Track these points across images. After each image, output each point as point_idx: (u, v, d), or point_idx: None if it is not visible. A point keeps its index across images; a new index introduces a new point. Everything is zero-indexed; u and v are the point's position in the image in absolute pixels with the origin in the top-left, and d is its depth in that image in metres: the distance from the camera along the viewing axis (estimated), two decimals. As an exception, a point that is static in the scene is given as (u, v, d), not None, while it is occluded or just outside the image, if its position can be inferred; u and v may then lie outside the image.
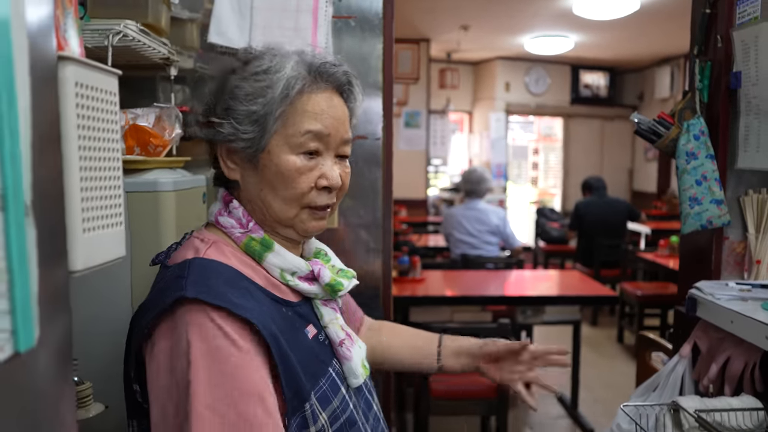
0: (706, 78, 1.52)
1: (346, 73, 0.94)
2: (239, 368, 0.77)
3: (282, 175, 0.89)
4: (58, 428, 0.46)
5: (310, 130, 0.89)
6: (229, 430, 0.75)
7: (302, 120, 0.89)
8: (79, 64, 0.52)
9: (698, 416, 1.12)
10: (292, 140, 0.89)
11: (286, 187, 0.89)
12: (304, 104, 0.89)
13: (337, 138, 0.92)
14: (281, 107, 0.88)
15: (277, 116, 0.88)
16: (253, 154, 0.89)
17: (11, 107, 0.38)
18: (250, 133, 0.88)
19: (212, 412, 0.75)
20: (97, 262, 0.58)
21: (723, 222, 1.48)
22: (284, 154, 0.89)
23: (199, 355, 0.76)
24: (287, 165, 0.89)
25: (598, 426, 3.40)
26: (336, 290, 0.94)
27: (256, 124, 0.88)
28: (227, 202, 0.95)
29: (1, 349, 0.38)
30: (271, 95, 0.87)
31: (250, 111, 0.88)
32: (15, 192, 0.38)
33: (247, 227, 0.92)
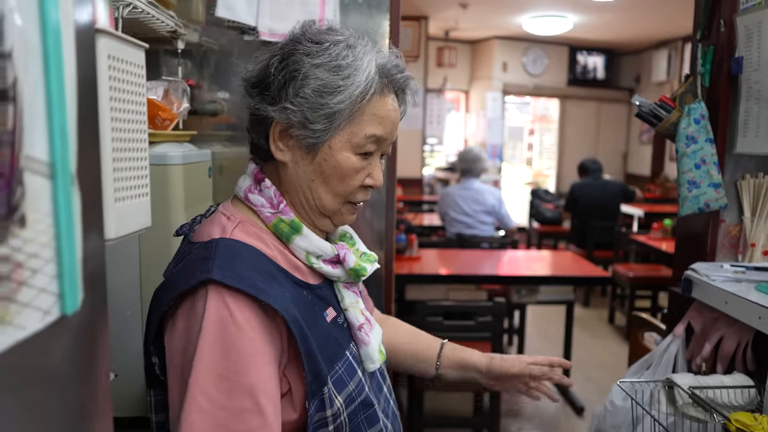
0: (708, 63, 1.54)
1: (407, 78, 0.95)
2: (245, 362, 0.79)
3: (340, 171, 0.90)
4: (95, 387, 0.48)
5: (374, 134, 0.90)
6: (218, 419, 0.77)
7: (369, 123, 0.90)
8: (111, 37, 0.53)
9: (692, 392, 1.16)
10: (355, 140, 0.89)
11: (340, 183, 0.91)
12: (373, 107, 0.90)
13: (389, 141, 0.94)
14: (356, 106, 0.88)
15: (348, 114, 0.88)
16: (313, 145, 0.89)
17: (59, 80, 0.40)
18: (318, 125, 0.88)
19: (207, 400, 0.76)
20: (127, 231, 0.60)
21: (720, 205, 1.50)
22: (345, 151, 0.90)
23: (209, 340, 0.78)
24: (347, 163, 0.90)
25: (589, 404, 3.47)
26: (360, 275, 0.95)
27: (326, 118, 0.87)
28: (259, 180, 0.94)
29: (48, 312, 0.40)
30: (350, 94, 0.87)
31: (324, 104, 0.87)
32: (63, 161, 0.40)
33: (277, 208, 0.92)
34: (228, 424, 0.77)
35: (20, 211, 0.36)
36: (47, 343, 0.41)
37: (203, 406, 0.76)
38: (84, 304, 0.44)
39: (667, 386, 1.22)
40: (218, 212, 0.93)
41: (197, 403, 0.76)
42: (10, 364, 0.37)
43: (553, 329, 4.75)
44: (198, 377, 0.77)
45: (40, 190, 0.38)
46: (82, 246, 0.44)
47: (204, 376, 0.77)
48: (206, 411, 0.76)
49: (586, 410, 3.42)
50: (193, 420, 0.76)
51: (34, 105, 0.38)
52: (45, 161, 0.39)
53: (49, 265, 0.40)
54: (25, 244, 0.37)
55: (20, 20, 0.35)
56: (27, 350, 0.39)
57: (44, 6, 0.38)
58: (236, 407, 0.77)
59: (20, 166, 0.36)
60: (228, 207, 0.94)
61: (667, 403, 1.21)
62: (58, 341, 0.42)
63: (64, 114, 0.40)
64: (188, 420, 0.76)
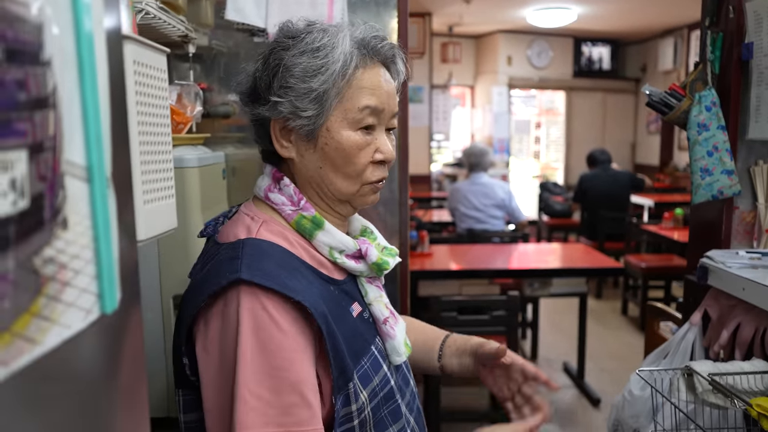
0: (718, 49, 1.53)
1: (392, 47, 0.95)
2: (287, 358, 0.80)
3: (343, 151, 0.90)
4: (132, 383, 0.49)
5: (368, 105, 0.90)
6: (269, 416, 0.78)
7: (360, 96, 0.90)
8: (136, 43, 0.54)
9: (712, 379, 1.16)
10: (350, 116, 0.90)
11: (347, 164, 0.91)
12: (360, 80, 0.90)
13: (389, 112, 0.93)
14: (340, 83, 0.88)
15: (336, 93, 0.89)
16: (311, 132, 0.90)
17: (93, 86, 0.41)
18: (309, 111, 0.88)
19: (256, 398, 0.78)
20: (155, 232, 0.61)
21: (733, 192, 1.50)
22: (344, 130, 0.90)
23: (249, 340, 0.79)
24: (348, 141, 0.90)
25: (605, 395, 3.47)
26: (382, 269, 0.96)
27: (315, 102, 0.88)
28: (278, 179, 0.95)
29: (90, 311, 0.41)
30: (331, 72, 0.88)
31: (309, 88, 0.88)
32: (99, 165, 0.41)
33: (298, 205, 0.93)
34: (279, 420, 0.78)
35: (63, 214, 0.37)
36: (89, 342, 0.42)
37: (252, 404, 0.78)
38: (121, 304, 0.45)
39: (687, 374, 1.22)
40: (241, 213, 0.94)
41: (247, 402, 0.77)
42: (56, 364, 0.39)
43: (567, 322, 4.75)
44: (243, 378, 0.78)
45: (79, 193, 0.39)
46: (118, 247, 0.45)
47: (249, 375, 0.78)
48: (256, 409, 0.78)
49: (602, 401, 3.42)
50: (245, 420, 0.77)
51: (72, 111, 0.39)
52: (83, 165, 0.40)
53: (90, 266, 0.41)
54: (67, 246, 0.38)
55: (57, 29, 0.37)
56: (71, 349, 0.40)
57: (78, 14, 0.39)
58: (285, 403, 0.79)
59: (61, 170, 0.37)
60: (250, 207, 0.95)
61: (687, 390, 1.21)
62: (99, 340, 0.44)
63: (98, 119, 0.41)
64: (241, 421, 0.77)
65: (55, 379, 0.40)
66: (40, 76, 0.34)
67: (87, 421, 0.45)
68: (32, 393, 0.37)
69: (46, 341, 0.35)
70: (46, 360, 0.37)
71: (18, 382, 0.35)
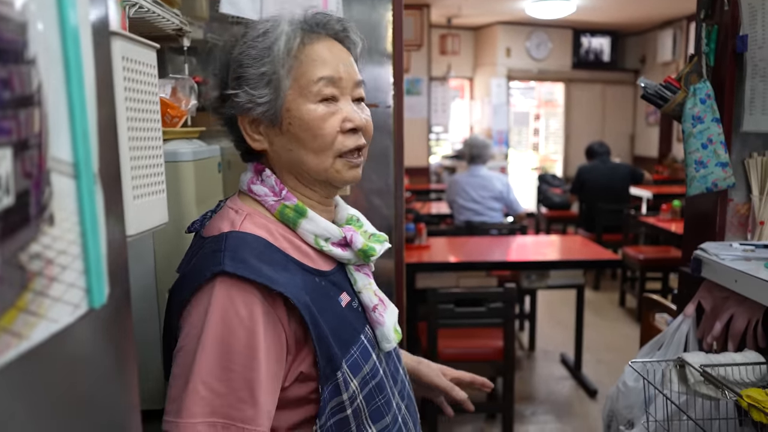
0: (713, 42, 1.53)
1: (340, 21, 0.96)
2: (245, 355, 0.81)
3: (307, 126, 0.91)
4: (122, 376, 0.50)
5: (322, 76, 0.91)
6: (215, 407, 0.79)
7: (312, 69, 0.91)
8: (124, 39, 0.54)
9: (703, 371, 1.17)
10: (307, 91, 0.91)
11: (314, 138, 0.91)
12: (309, 54, 0.92)
13: (349, 81, 0.94)
14: (288, 61, 0.90)
15: (286, 72, 0.90)
16: (273, 117, 0.91)
17: (79, 83, 0.41)
18: (266, 96, 0.90)
19: (206, 389, 0.79)
20: (146, 227, 0.62)
21: (728, 184, 1.51)
22: (303, 105, 0.91)
23: (211, 332, 0.80)
24: (309, 115, 0.90)
25: (601, 386, 3.49)
26: (368, 255, 0.96)
27: (269, 85, 0.90)
28: (259, 170, 0.96)
29: (78, 306, 0.42)
30: (276, 52, 0.90)
31: (260, 73, 0.90)
32: (86, 161, 0.42)
33: (280, 195, 0.94)
34: (224, 411, 0.80)
35: (49, 210, 0.38)
36: (77, 336, 0.43)
37: (202, 394, 0.79)
38: (109, 298, 0.46)
39: (679, 365, 1.23)
40: (226, 207, 0.95)
41: (197, 392, 0.79)
42: (44, 358, 0.39)
43: (564, 313, 4.77)
44: (198, 367, 0.79)
45: (65, 190, 0.40)
46: (106, 242, 0.45)
47: (203, 365, 0.79)
48: (204, 399, 0.79)
49: (599, 393, 3.44)
50: (191, 408, 0.78)
51: (57, 108, 0.39)
52: (69, 162, 0.40)
53: (77, 261, 0.41)
54: (54, 242, 0.38)
55: (42, 26, 0.37)
56: (59, 343, 0.40)
57: (63, 11, 0.39)
58: (234, 397, 0.80)
59: (47, 167, 0.38)
60: (235, 201, 0.96)
61: (679, 381, 1.22)
62: (87, 334, 0.44)
63: (85, 116, 0.41)
64: (187, 408, 0.79)
65: (45, 372, 0.40)
66: (24, 75, 0.35)
67: (78, 414, 0.46)
68: (22, 385, 0.38)
69: (33, 336, 0.36)
70: (36, 353, 0.38)
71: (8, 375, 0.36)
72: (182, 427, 0.79)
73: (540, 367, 3.91)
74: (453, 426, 3.13)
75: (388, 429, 0.94)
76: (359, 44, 0.99)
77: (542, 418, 3.25)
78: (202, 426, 0.79)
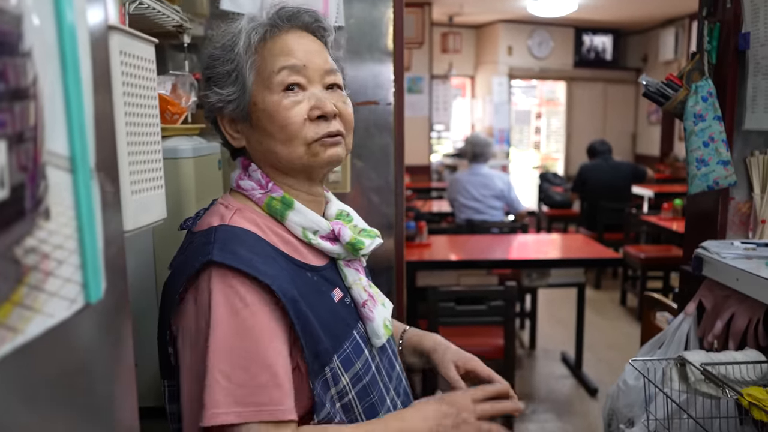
0: (715, 39, 1.53)
1: (308, 12, 0.97)
2: (258, 339, 0.81)
3: (271, 116, 0.91)
4: (120, 371, 0.49)
5: (283, 66, 0.91)
6: (238, 396, 0.79)
7: (273, 61, 0.92)
8: (123, 34, 0.54)
9: (704, 369, 1.17)
10: (269, 82, 0.91)
11: (281, 128, 0.91)
12: (271, 48, 0.93)
13: (317, 68, 0.94)
14: (249, 58, 0.92)
15: (249, 68, 0.92)
16: (243, 113, 0.93)
17: (76, 77, 0.41)
18: (233, 94, 0.92)
19: (226, 379, 0.79)
20: (144, 222, 0.61)
21: (729, 182, 1.50)
22: (268, 97, 0.91)
23: (221, 321, 0.80)
24: (273, 106, 0.91)
25: (602, 385, 3.48)
26: (357, 249, 0.96)
27: (235, 83, 0.92)
28: (246, 166, 0.97)
29: (74, 301, 0.42)
30: (237, 50, 0.92)
31: (224, 72, 0.93)
32: (82, 156, 0.41)
33: (266, 188, 0.94)
34: (249, 400, 0.79)
35: (44, 204, 0.38)
36: (74, 331, 0.43)
37: (223, 384, 0.79)
38: (106, 294, 0.46)
39: (679, 364, 1.23)
40: (217, 204, 0.96)
41: (218, 382, 0.79)
42: (41, 353, 0.39)
43: (565, 312, 4.76)
44: (214, 358, 0.79)
45: (62, 184, 0.40)
46: (103, 237, 0.45)
47: (220, 356, 0.79)
48: (226, 389, 0.79)
49: (599, 391, 3.43)
50: (215, 399, 0.78)
51: (54, 102, 0.39)
52: (65, 156, 0.40)
53: (73, 256, 0.41)
54: (50, 236, 0.38)
55: (38, 20, 0.37)
56: (56, 338, 0.40)
57: (59, 4, 0.39)
58: (255, 383, 0.80)
59: (43, 160, 0.37)
60: (226, 198, 0.97)
61: (680, 380, 1.22)
62: (84, 328, 0.44)
63: (81, 109, 0.41)
64: (211, 400, 0.78)
65: (41, 367, 0.40)
66: (19, 67, 0.35)
67: (75, 408, 0.46)
68: (18, 380, 0.38)
69: (28, 330, 0.36)
70: (33, 348, 0.38)
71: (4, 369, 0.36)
72: (208, 417, 0.78)
73: (540, 365, 3.91)
74: (453, 424, 3.12)
75: None
76: (331, 33, 1.00)
77: (543, 416, 3.24)
78: (230, 416, 0.78)
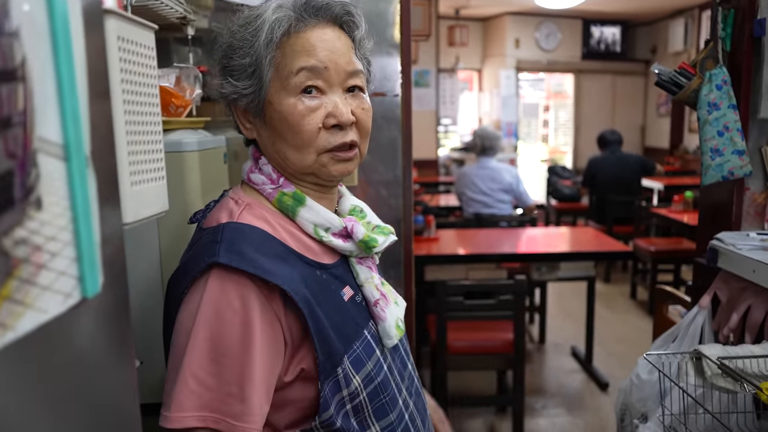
0: (729, 26, 1.49)
1: (341, 3, 0.90)
2: (238, 349, 0.78)
3: (286, 121, 0.86)
4: (120, 368, 0.48)
5: (302, 67, 0.86)
6: (205, 400, 0.77)
7: (293, 60, 0.86)
8: (120, 18, 0.52)
9: (721, 363, 1.14)
10: (287, 83, 0.86)
11: (293, 134, 0.87)
12: (293, 45, 0.86)
13: (339, 71, 0.88)
14: (269, 53, 0.86)
15: (267, 63, 0.86)
16: (257, 108, 0.89)
17: (68, 61, 0.39)
18: (249, 88, 0.87)
19: (197, 382, 0.77)
20: (144, 215, 0.60)
21: (744, 173, 1.47)
22: (284, 99, 0.86)
23: (204, 324, 0.78)
24: (288, 110, 0.86)
25: (613, 379, 3.46)
26: (370, 246, 0.92)
27: (252, 77, 0.87)
28: (257, 158, 0.94)
29: (69, 295, 0.40)
30: (258, 44, 0.86)
31: (242, 65, 0.87)
32: (76, 143, 0.39)
33: (277, 183, 0.91)
34: (215, 406, 0.78)
35: (36, 194, 0.36)
36: (70, 327, 0.41)
37: (192, 387, 0.77)
38: (104, 288, 0.44)
39: (695, 357, 1.20)
40: (227, 197, 0.93)
41: (187, 385, 0.77)
42: (35, 349, 0.37)
43: (575, 306, 4.73)
44: (189, 359, 0.77)
45: (55, 173, 0.38)
46: (100, 229, 0.43)
47: (195, 358, 0.78)
48: (195, 392, 0.77)
49: (610, 386, 3.41)
50: (181, 401, 0.77)
51: (45, 86, 0.37)
52: (58, 143, 0.38)
53: (68, 248, 0.39)
54: (42, 227, 0.36)
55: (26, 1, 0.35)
56: (51, 334, 0.38)
57: (50, -16, 0.37)
58: (224, 391, 0.78)
59: (33, 147, 0.35)
60: (237, 191, 0.94)
61: (695, 374, 1.19)
62: (81, 324, 0.42)
63: (75, 95, 0.39)
64: (177, 401, 0.77)
65: (38, 364, 0.38)
66: (5, 47, 0.33)
67: (74, 406, 0.44)
68: (14, 377, 0.36)
69: (18, 326, 0.34)
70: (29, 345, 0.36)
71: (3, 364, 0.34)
72: (173, 420, 0.77)
73: (550, 359, 3.88)
74: (463, 420, 3.11)
75: (392, 427, 0.91)
76: (362, 28, 0.93)
77: (553, 411, 3.22)
78: (192, 420, 0.77)
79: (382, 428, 0.90)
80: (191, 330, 0.78)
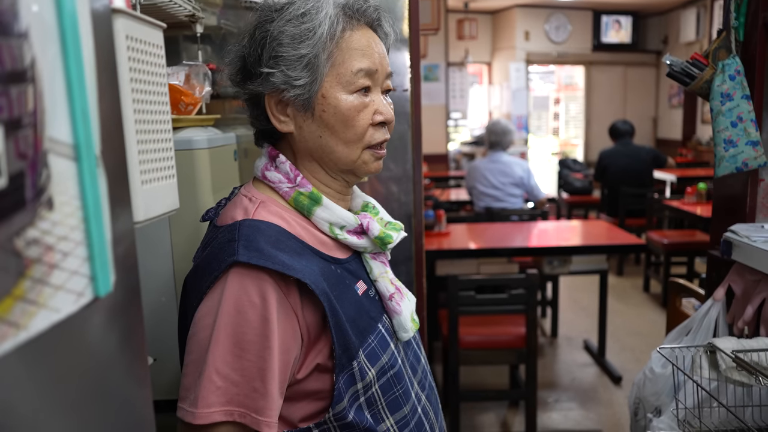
0: (742, 15, 1.47)
1: (377, 9, 0.93)
2: (258, 344, 0.79)
3: (342, 115, 0.88)
4: (133, 366, 0.48)
5: (361, 68, 0.88)
6: (231, 395, 0.78)
7: (351, 58, 0.88)
8: (128, 17, 0.52)
9: (736, 356, 1.13)
10: (344, 80, 0.88)
11: (347, 128, 0.89)
12: (349, 42, 0.89)
13: (383, 73, 0.92)
14: (329, 47, 0.87)
15: (326, 57, 0.87)
16: (307, 101, 0.88)
17: (78, 61, 0.39)
18: (302, 79, 0.87)
19: (222, 378, 0.78)
20: (155, 213, 0.60)
21: (759, 164, 1.45)
22: (339, 94, 0.88)
23: (225, 321, 0.79)
24: (345, 105, 0.88)
25: (626, 373, 3.44)
26: (385, 243, 0.94)
27: (307, 68, 0.87)
28: (273, 156, 0.94)
29: (82, 294, 0.40)
30: (319, 36, 0.86)
31: (300, 55, 0.87)
32: (87, 143, 0.39)
33: (294, 182, 0.92)
34: (241, 401, 0.79)
35: (47, 194, 0.36)
36: (82, 326, 0.41)
37: (218, 383, 0.78)
38: (116, 286, 0.44)
39: (709, 351, 1.19)
40: (240, 194, 0.93)
41: (213, 381, 0.78)
42: (48, 348, 0.38)
43: (587, 299, 4.71)
44: (214, 356, 0.79)
45: (65, 173, 0.38)
46: (111, 228, 0.44)
47: (219, 355, 0.79)
48: (221, 388, 0.78)
49: (623, 379, 3.39)
50: (207, 398, 0.78)
51: (54, 86, 0.37)
52: (69, 143, 0.38)
53: (80, 248, 0.39)
54: (54, 227, 0.36)
55: (35, 2, 0.35)
56: (63, 333, 0.39)
57: (58, -16, 0.37)
58: (249, 387, 0.79)
59: (44, 148, 0.36)
60: (249, 188, 0.94)
61: (710, 368, 1.19)
62: (93, 323, 0.42)
63: (84, 95, 0.39)
64: (203, 397, 0.78)
65: (51, 363, 0.39)
66: (15, 48, 0.33)
67: (89, 403, 0.44)
68: (27, 376, 0.36)
69: (31, 326, 0.34)
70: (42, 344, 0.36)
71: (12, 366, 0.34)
72: (199, 416, 0.78)
73: (563, 353, 3.87)
74: (475, 414, 3.11)
75: (406, 419, 0.92)
76: (391, 35, 0.97)
77: (566, 405, 3.21)
78: (218, 414, 0.78)
79: (396, 421, 0.91)
80: (213, 327, 0.79)
